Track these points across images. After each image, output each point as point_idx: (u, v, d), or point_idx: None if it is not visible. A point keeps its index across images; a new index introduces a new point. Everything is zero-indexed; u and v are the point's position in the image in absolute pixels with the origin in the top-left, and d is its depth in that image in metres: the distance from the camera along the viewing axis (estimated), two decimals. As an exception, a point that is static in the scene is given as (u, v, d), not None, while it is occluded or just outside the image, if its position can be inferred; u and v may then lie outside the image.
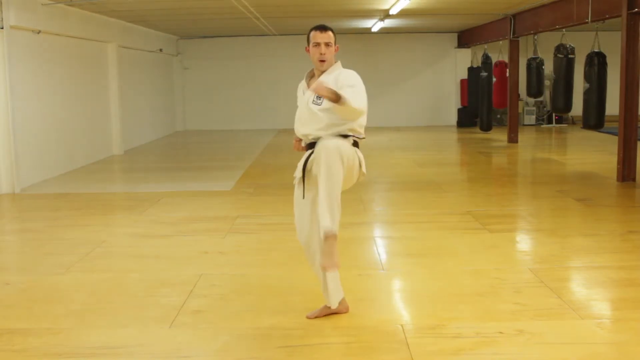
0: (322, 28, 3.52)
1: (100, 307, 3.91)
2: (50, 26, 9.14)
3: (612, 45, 9.86)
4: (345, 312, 3.62)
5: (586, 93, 9.16)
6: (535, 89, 12.48)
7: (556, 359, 3.09)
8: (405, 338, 3.32)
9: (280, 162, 10.60)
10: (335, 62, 3.58)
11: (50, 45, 9.36)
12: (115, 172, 10.35)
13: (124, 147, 12.18)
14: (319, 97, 3.43)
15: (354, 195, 7.00)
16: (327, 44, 3.49)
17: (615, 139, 8.38)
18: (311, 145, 3.51)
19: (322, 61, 3.50)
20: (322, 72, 3.54)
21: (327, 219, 3.21)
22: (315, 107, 3.49)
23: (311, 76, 3.65)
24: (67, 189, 8.37)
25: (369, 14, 12.26)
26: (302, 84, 3.68)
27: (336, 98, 3.17)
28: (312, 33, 3.52)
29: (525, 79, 12.65)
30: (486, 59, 14.01)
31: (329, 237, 3.21)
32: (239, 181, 8.62)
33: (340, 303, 3.59)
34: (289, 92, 6.22)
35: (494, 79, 13.68)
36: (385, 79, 16.69)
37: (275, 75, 16.55)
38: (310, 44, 3.52)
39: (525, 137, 13.70)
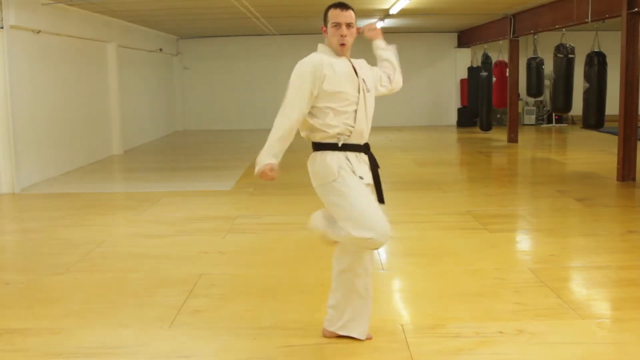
0: (344, 6, 3.02)
1: (100, 307, 3.91)
2: (50, 26, 9.14)
3: (612, 45, 9.86)
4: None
5: (586, 93, 9.16)
6: (535, 89, 12.47)
7: (556, 359, 3.09)
8: (405, 338, 3.32)
9: (280, 162, 10.57)
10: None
11: (50, 45, 9.36)
12: (115, 172, 10.35)
13: (123, 147, 12.18)
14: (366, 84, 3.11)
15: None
16: (348, 25, 3.02)
17: (615, 138, 8.38)
18: (359, 148, 3.09)
19: (343, 44, 3.04)
20: (341, 57, 3.10)
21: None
22: (370, 95, 3.15)
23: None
24: (67, 189, 8.36)
25: (369, 13, 12.26)
26: (328, 61, 3.03)
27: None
28: (331, 11, 3.02)
29: (525, 78, 12.66)
30: (486, 58, 14.01)
31: None
32: (239, 181, 8.61)
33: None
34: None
35: (494, 79, 13.68)
36: (385, 79, 16.67)
37: (275, 75, 16.53)
38: (329, 24, 3.03)
39: (525, 136, 13.70)
